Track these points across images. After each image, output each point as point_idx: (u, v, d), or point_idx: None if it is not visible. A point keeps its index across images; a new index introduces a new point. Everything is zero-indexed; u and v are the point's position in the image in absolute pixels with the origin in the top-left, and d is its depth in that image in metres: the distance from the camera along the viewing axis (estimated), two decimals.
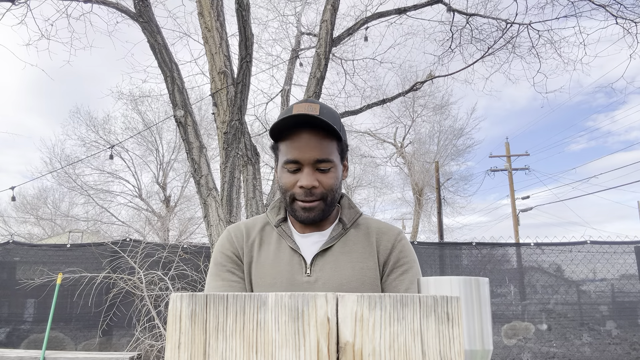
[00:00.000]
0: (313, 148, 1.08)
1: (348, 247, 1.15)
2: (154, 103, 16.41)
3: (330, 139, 1.11)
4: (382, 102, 6.47)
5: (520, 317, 6.85)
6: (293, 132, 1.10)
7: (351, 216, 1.20)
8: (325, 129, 1.09)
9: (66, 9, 5.05)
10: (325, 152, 1.09)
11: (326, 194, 1.11)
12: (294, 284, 1.10)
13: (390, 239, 1.17)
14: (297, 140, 1.09)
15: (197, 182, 3.91)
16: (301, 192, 1.09)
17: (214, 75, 4.41)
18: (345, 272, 1.11)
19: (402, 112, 18.06)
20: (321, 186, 1.10)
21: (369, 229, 1.19)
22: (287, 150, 1.11)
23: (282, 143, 1.13)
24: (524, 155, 19.23)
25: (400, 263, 1.15)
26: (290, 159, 1.09)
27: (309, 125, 1.09)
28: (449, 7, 6.08)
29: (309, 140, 1.08)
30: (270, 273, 1.12)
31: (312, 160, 1.08)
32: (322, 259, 1.13)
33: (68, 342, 6.58)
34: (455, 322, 0.48)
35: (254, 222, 1.24)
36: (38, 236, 19.92)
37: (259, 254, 1.16)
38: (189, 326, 0.46)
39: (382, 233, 1.18)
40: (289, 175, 1.11)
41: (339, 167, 1.14)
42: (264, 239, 1.19)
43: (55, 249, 7.20)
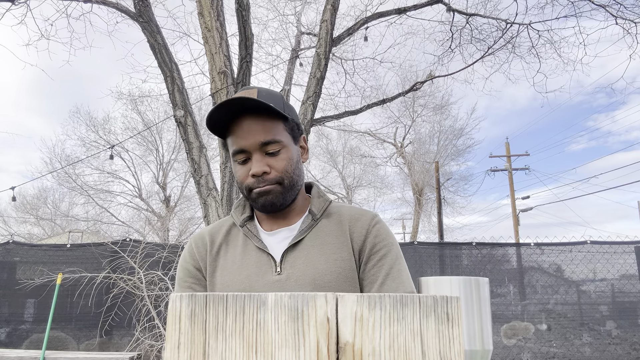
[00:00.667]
0: (256, 132, 1.02)
1: (320, 239, 1.06)
2: (153, 103, 16.43)
3: (274, 120, 1.04)
4: (382, 102, 6.47)
5: (520, 317, 6.85)
6: (233, 122, 1.04)
7: (320, 205, 1.12)
8: (267, 111, 1.03)
9: (66, 9, 5.05)
10: (271, 133, 1.03)
11: (281, 177, 1.04)
12: (263, 285, 1.03)
13: (363, 225, 1.08)
14: (239, 128, 1.03)
15: (197, 182, 3.91)
16: (254, 181, 1.03)
17: (214, 75, 4.41)
18: (319, 265, 1.03)
19: (402, 112, 18.08)
20: (273, 170, 1.03)
21: (341, 216, 1.11)
22: (232, 141, 1.05)
23: (228, 137, 1.07)
24: (524, 155, 19.24)
25: (376, 248, 1.06)
26: (236, 149, 1.04)
27: (248, 111, 1.03)
28: (449, 7, 6.09)
29: (250, 125, 1.02)
30: (238, 279, 1.05)
31: (257, 145, 1.02)
32: (293, 254, 1.05)
33: (69, 342, 6.58)
34: (455, 322, 0.48)
35: (219, 226, 1.17)
36: (38, 236, 19.93)
37: (225, 260, 1.09)
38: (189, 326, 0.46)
39: (354, 220, 1.09)
40: (240, 167, 1.06)
41: (291, 148, 1.07)
42: (230, 242, 1.12)
43: (55, 249, 7.20)
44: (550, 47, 6.38)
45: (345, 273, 1.04)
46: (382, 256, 1.06)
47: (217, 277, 1.08)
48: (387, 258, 1.06)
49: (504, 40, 6.31)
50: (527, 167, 19.11)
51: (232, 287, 1.05)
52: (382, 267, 1.05)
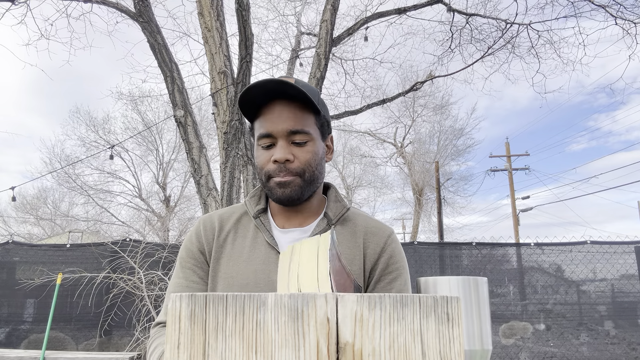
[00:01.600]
0: (286, 119, 0.99)
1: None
2: (153, 103, 16.43)
3: (307, 111, 1.02)
4: (382, 102, 6.47)
5: (519, 317, 6.85)
6: (265, 105, 1.02)
7: (337, 210, 1.08)
8: (302, 100, 1.00)
9: (66, 8, 5.05)
10: (301, 123, 1.00)
11: (303, 169, 1.00)
12: (268, 284, 0.99)
13: (379, 242, 1.06)
14: (270, 112, 1.00)
15: (197, 182, 3.91)
16: (275, 168, 0.99)
17: (214, 75, 4.41)
18: None
19: (402, 112, 18.08)
20: (297, 160, 1.00)
21: (356, 227, 1.07)
22: (259, 124, 1.02)
23: (256, 121, 1.04)
24: (524, 155, 19.25)
25: (389, 270, 1.04)
26: (263, 133, 1.00)
27: (282, 96, 1.00)
28: (449, 7, 6.09)
29: (281, 111, 1.00)
30: (244, 272, 1.02)
31: (285, 132, 0.99)
32: None
33: (68, 342, 6.58)
34: (455, 322, 0.48)
35: (230, 212, 1.13)
36: (38, 236, 19.92)
37: (232, 249, 1.06)
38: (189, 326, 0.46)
39: (371, 234, 1.06)
40: (263, 152, 1.02)
41: (317, 143, 1.04)
42: (239, 231, 1.09)
43: (55, 249, 7.19)
44: (550, 48, 6.39)
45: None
46: (392, 279, 1.04)
47: (222, 265, 1.05)
48: (397, 281, 1.04)
49: (503, 40, 6.32)
50: (527, 167, 19.12)
51: (236, 279, 1.03)
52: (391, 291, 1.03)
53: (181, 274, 1.07)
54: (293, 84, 0.96)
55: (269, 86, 0.98)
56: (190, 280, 1.06)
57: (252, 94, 0.99)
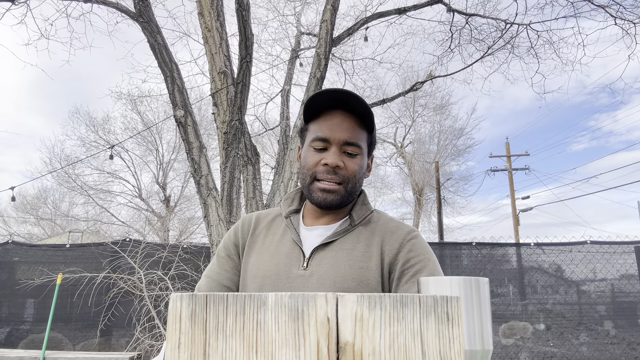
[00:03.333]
0: (345, 129, 1.06)
1: (350, 244, 1.07)
2: (153, 103, 16.42)
3: (362, 127, 1.09)
4: (382, 102, 6.47)
5: (519, 317, 6.85)
6: (327, 111, 1.08)
7: (362, 213, 1.13)
8: (360, 116, 1.07)
9: (66, 8, 5.05)
10: (356, 136, 1.07)
11: (348, 178, 1.06)
12: (288, 277, 1.05)
13: (397, 239, 1.08)
14: (330, 118, 1.07)
15: (197, 182, 3.91)
16: (323, 170, 1.05)
17: (214, 75, 4.41)
18: (342, 269, 1.03)
19: (402, 112, 18.08)
20: (345, 169, 1.06)
21: (376, 227, 1.11)
22: (317, 128, 1.08)
23: (313, 123, 1.10)
24: (524, 155, 19.25)
25: (410, 263, 1.04)
26: (320, 136, 1.06)
27: (344, 107, 1.07)
28: (448, 7, 6.09)
29: (342, 120, 1.06)
30: (268, 264, 1.09)
31: (341, 141, 1.05)
32: (321, 253, 1.06)
33: (69, 342, 6.58)
34: (455, 322, 0.48)
35: (267, 213, 1.23)
36: (38, 236, 19.92)
37: (262, 245, 1.14)
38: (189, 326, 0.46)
39: (389, 232, 1.09)
40: (315, 153, 1.07)
41: (364, 158, 1.10)
42: (271, 229, 1.17)
43: (55, 249, 7.19)
44: (550, 48, 6.39)
45: (367, 282, 1.03)
46: (416, 271, 1.03)
47: (252, 257, 1.13)
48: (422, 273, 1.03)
49: (503, 40, 6.32)
50: (527, 167, 19.12)
51: (262, 271, 1.09)
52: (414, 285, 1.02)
53: (216, 262, 1.19)
54: (358, 97, 1.04)
55: (336, 95, 1.05)
56: (222, 268, 1.16)
57: (320, 98, 1.06)
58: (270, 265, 1.08)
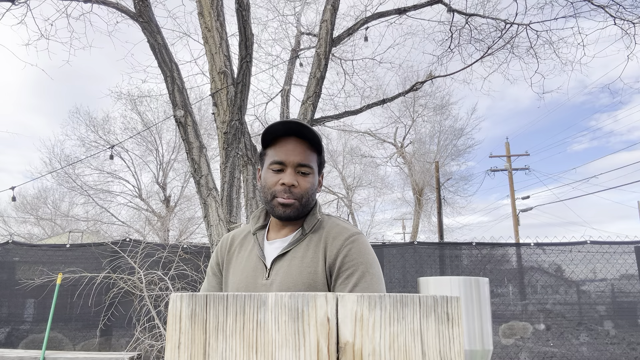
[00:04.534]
0: (298, 153, 1.23)
1: (301, 252, 1.22)
2: (153, 103, 16.41)
3: (312, 150, 1.26)
4: (382, 102, 6.47)
5: (519, 317, 6.85)
6: (283, 138, 1.25)
7: (311, 222, 1.27)
8: (310, 141, 1.25)
9: (66, 8, 5.05)
10: (307, 158, 1.25)
11: (302, 195, 1.23)
12: (255, 287, 1.22)
13: (337, 244, 1.21)
14: (285, 145, 1.24)
15: (197, 182, 3.91)
16: (281, 189, 1.22)
17: (214, 75, 4.41)
18: (294, 276, 1.18)
19: (403, 112, 18.08)
20: (299, 187, 1.23)
21: (323, 234, 1.25)
22: (274, 153, 1.25)
23: (270, 148, 1.27)
24: (524, 155, 19.24)
25: (344, 267, 1.17)
26: (277, 160, 1.24)
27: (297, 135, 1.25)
28: (448, 7, 6.08)
29: (295, 146, 1.24)
30: (239, 277, 1.26)
31: (295, 163, 1.23)
32: (279, 263, 1.22)
33: (68, 342, 6.58)
34: (455, 322, 0.48)
35: (242, 230, 1.40)
36: (38, 236, 19.92)
37: (237, 260, 1.32)
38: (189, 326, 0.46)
39: (332, 238, 1.22)
40: (273, 175, 1.25)
41: (316, 176, 1.28)
42: (244, 246, 1.34)
43: (55, 249, 7.19)
44: (549, 48, 6.39)
45: (315, 285, 1.17)
46: (348, 275, 1.16)
47: (230, 272, 1.32)
48: (353, 277, 1.15)
49: (503, 40, 6.31)
50: (527, 167, 19.12)
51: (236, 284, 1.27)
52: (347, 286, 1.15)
53: (206, 280, 1.39)
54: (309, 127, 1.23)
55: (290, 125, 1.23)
56: (211, 285, 1.37)
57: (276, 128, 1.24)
58: (242, 277, 1.26)
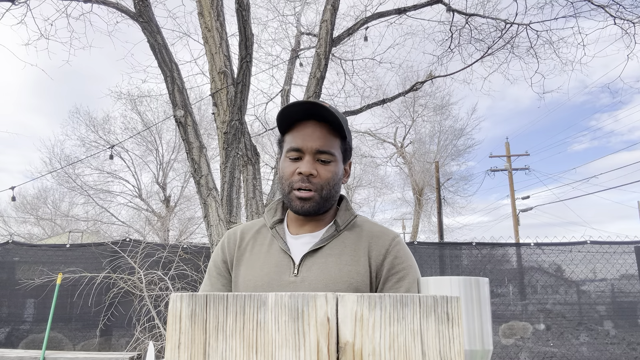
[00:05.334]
0: (317, 138, 1.10)
1: (338, 249, 1.11)
2: (153, 103, 16.41)
3: (334, 135, 1.13)
4: (382, 102, 6.47)
5: (520, 317, 6.85)
6: (300, 122, 1.12)
7: (346, 218, 1.17)
8: (331, 124, 1.11)
9: (66, 8, 5.05)
10: (328, 144, 1.11)
11: (322, 186, 1.10)
12: (280, 284, 1.08)
13: (384, 244, 1.13)
14: (302, 129, 1.11)
15: (197, 182, 3.91)
16: (298, 179, 1.10)
17: (214, 75, 4.41)
18: (332, 273, 1.07)
19: (403, 112, 18.08)
20: (319, 176, 1.10)
21: (362, 231, 1.16)
22: (291, 139, 1.13)
23: (288, 134, 1.14)
24: (524, 155, 19.24)
25: (395, 270, 1.10)
26: (293, 147, 1.11)
27: (316, 118, 1.11)
28: (448, 7, 6.08)
29: (313, 130, 1.10)
30: (259, 274, 1.12)
31: (313, 150, 1.10)
32: (311, 259, 1.10)
33: (69, 342, 6.58)
34: (455, 322, 0.48)
35: (252, 225, 1.25)
36: (38, 236, 19.91)
37: (250, 256, 1.17)
38: (189, 326, 0.46)
39: (375, 237, 1.14)
40: (290, 164, 1.12)
41: (339, 164, 1.15)
42: (258, 240, 1.19)
43: (55, 249, 7.19)
44: (549, 48, 6.39)
45: (356, 285, 1.07)
46: (400, 278, 1.09)
47: (241, 270, 1.16)
48: (405, 281, 1.09)
49: (503, 40, 6.31)
50: (527, 167, 19.12)
51: (253, 282, 1.12)
52: (399, 290, 1.08)
53: (207, 282, 1.21)
54: (328, 107, 1.08)
55: (306, 106, 1.09)
56: (214, 287, 1.19)
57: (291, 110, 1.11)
58: (261, 275, 1.11)
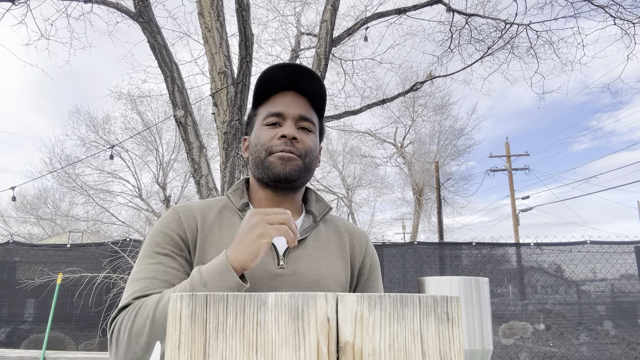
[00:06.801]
0: (299, 105, 1.04)
1: (321, 243, 1.06)
2: (153, 103, 16.42)
3: (313, 109, 1.08)
4: (382, 102, 6.47)
5: (520, 317, 6.85)
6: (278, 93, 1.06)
7: (320, 209, 1.11)
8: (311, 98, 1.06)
9: (66, 8, 5.05)
10: (309, 113, 1.05)
11: (305, 152, 1.02)
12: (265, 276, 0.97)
13: (362, 243, 1.15)
14: (282, 97, 1.05)
15: (197, 182, 3.91)
16: (280, 142, 1.00)
17: (214, 75, 4.41)
18: (322, 268, 1.03)
19: (402, 112, 18.09)
20: (302, 142, 1.01)
21: (337, 227, 1.13)
22: (269, 107, 1.05)
23: (263, 106, 1.07)
24: (523, 155, 19.25)
25: (373, 267, 1.15)
26: (273, 112, 1.02)
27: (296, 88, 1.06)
28: (448, 7, 6.09)
29: (295, 98, 1.05)
30: None
31: (296, 115, 1.02)
32: (296, 251, 1.02)
33: (69, 342, 6.58)
34: (455, 322, 0.48)
35: (208, 205, 1.08)
36: (38, 236, 19.93)
37: (221, 240, 1.00)
38: (189, 326, 0.46)
39: (353, 235, 1.14)
40: (269, 130, 1.02)
41: (317, 137, 1.09)
42: (224, 223, 1.03)
43: (55, 249, 7.19)
44: (549, 48, 6.39)
45: (341, 282, 1.06)
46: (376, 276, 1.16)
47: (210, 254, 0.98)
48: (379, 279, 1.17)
49: (503, 40, 6.32)
50: (527, 167, 19.12)
51: None
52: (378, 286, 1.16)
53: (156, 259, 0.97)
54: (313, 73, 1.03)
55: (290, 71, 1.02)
56: (169, 266, 0.96)
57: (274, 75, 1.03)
58: None
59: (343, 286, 1.06)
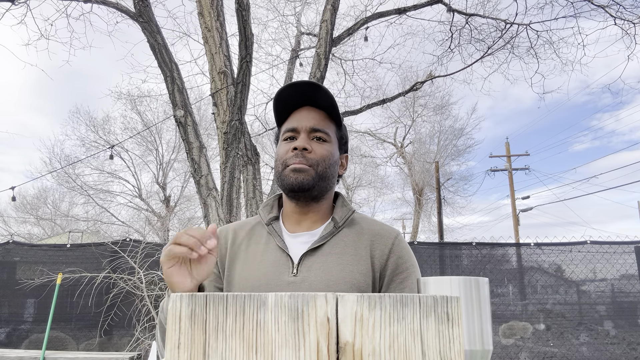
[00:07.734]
0: (311, 118, 1.10)
1: (339, 248, 1.07)
2: (153, 103, 16.42)
3: (330, 120, 1.13)
4: (382, 102, 6.47)
5: (520, 317, 6.85)
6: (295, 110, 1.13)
7: (343, 214, 1.13)
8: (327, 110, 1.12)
9: (66, 8, 5.05)
10: (322, 124, 1.11)
11: (317, 162, 1.07)
12: (278, 285, 1.03)
13: (386, 243, 1.09)
14: (297, 113, 1.12)
15: (197, 182, 3.91)
16: (292, 155, 1.07)
17: (214, 75, 4.41)
18: (335, 273, 1.03)
19: (402, 112, 18.09)
20: (314, 152, 1.08)
21: (362, 229, 1.12)
22: (287, 123, 1.13)
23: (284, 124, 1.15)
24: (524, 155, 19.24)
25: (399, 270, 1.07)
26: (288, 128, 1.11)
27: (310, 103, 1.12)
28: (448, 7, 6.08)
29: (308, 112, 1.11)
30: (256, 274, 1.07)
31: (308, 128, 1.09)
32: (311, 259, 1.05)
33: (69, 342, 6.58)
34: (455, 322, 0.48)
35: (244, 223, 1.20)
36: (38, 236, 19.92)
37: (246, 255, 1.11)
38: (189, 326, 0.46)
39: (377, 236, 1.10)
40: (285, 144, 1.11)
41: (334, 146, 1.13)
42: (253, 238, 1.14)
43: (55, 249, 7.19)
44: (549, 48, 6.39)
45: (359, 285, 1.03)
46: (404, 278, 1.07)
47: (237, 269, 1.10)
48: (408, 280, 1.07)
49: (503, 40, 6.31)
50: (527, 167, 19.12)
51: (249, 282, 1.07)
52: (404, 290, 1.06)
53: None
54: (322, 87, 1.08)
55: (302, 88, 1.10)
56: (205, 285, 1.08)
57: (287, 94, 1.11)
58: (258, 275, 1.06)
59: (362, 290, 1.04)
